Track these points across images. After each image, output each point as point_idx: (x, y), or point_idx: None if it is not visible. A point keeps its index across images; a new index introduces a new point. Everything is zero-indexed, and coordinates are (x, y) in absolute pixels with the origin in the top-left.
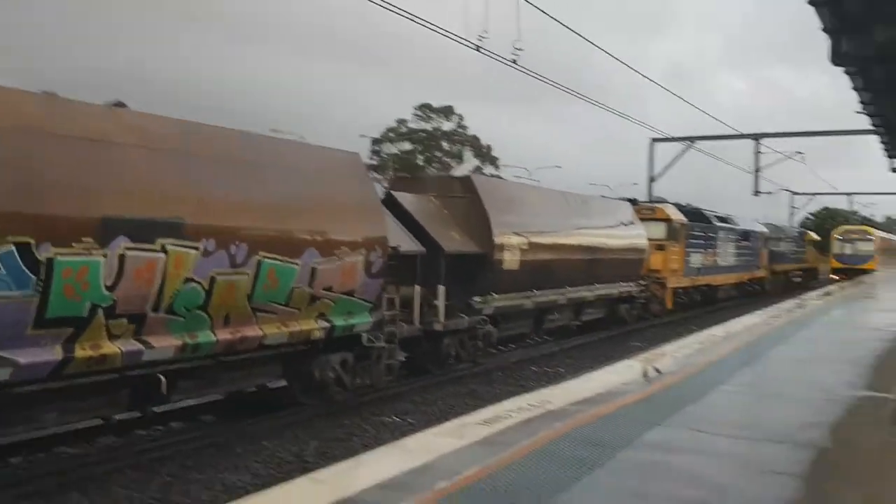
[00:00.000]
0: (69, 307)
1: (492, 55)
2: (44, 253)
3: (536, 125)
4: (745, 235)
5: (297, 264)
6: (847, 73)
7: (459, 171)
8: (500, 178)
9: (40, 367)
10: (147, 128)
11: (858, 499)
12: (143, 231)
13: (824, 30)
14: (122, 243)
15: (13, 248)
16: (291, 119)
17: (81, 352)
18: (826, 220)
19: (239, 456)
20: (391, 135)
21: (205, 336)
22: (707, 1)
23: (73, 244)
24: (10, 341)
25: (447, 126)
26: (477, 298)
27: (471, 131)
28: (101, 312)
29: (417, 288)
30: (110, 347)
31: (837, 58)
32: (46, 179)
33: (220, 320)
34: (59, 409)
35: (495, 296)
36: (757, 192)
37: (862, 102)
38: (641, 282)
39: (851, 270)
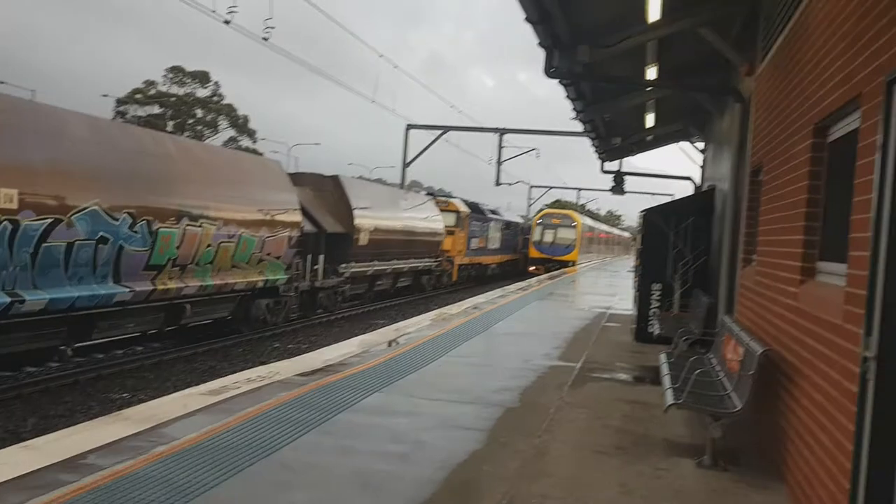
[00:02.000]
0: (160, 258)
1: (242, 31)
2: (155, 225)
3: (297, 101)
4: (508, 225)
5: (256, 237)
6: (561, 84)
7: (213, 141)
8: (260, 152)
9: (142, 293)
10: (199, 154)
11: (529, 448)
12: (194, 216)
13: (540, 45)
14: (185, 222)
15: (145, 221)
16: (21, 69)
17: (160, 286)
18: None
19: None
20: (139, 97)
21: (209, 280)
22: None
23: (168, 222)
24: (130, 277)
25: (202, 93)
26: (342, 266)
27: (227, 101)
28: (170, 262)
29: (310, 257)
30: (170, 284)
31: (550, 71)
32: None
33: (216, 271)
34: (134, 321)
35: (353, 264)
36: (498, 183)
37: (575, 110)
38: (437, 258)
39: (550, 262)
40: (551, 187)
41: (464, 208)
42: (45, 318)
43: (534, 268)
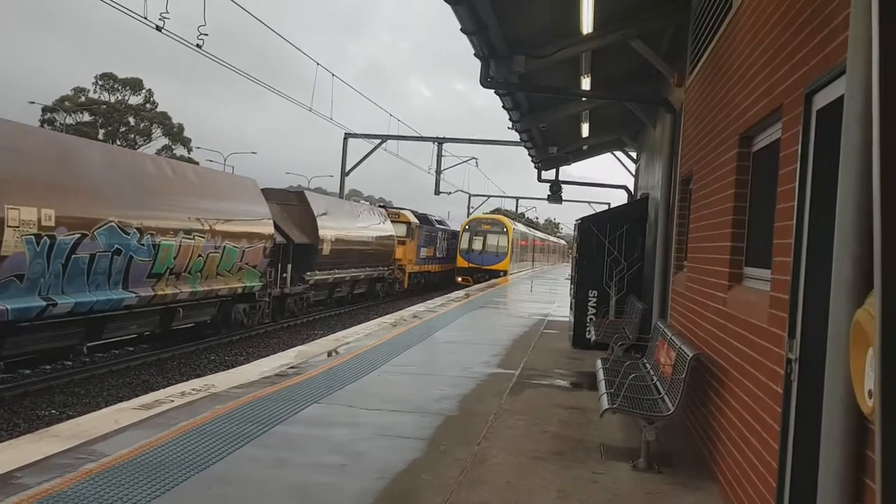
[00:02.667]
0: (160, 267)
1: (174, 37)
2: (158, 239)
3: (232, 109)
4: (454, 235)
5: (237, 248)
6: (497, 94)
7: (147, 149)
8: (195, 161)
9: (145, 298)
10: (190, 175)
11: (468, 455)
12: (188, 230)
13: (476, 55)
14: (182, 236)
15: (150, 235)
16: None
17: (160, 291)
18: None
19: None
20: (67, 104)
21: (198, 287)
22: (399, 10)
23: (168, 236)
24: (136, 283)
25: (135, 100)
26: (307, 274)
27: (161, 108)
28: (168, 271)
29: (279, 265)
30: (167, 290)
31: (486, 81)
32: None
33: (204, 279)
34: (136, 323)
35: (317, 272)
36: (438, 192)
37: (512, 120)
38: (390, 267)
39: (479, 272)
40: (490, 196)
41: (413, 219)
42: (68, 320)
43: (461, 279)
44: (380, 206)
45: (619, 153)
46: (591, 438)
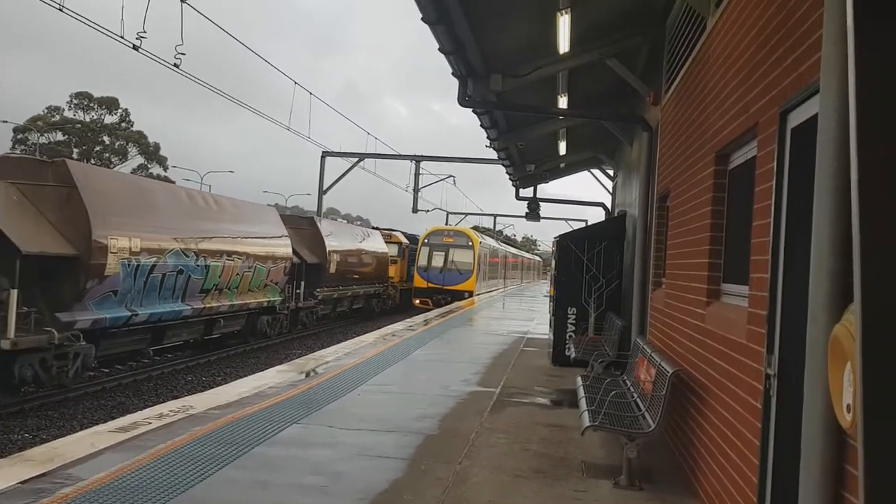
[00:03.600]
0: (209, 284)
1: (151, 56)
2: (208, 260)
3: (209, 128)
4: None
5: (264, 267)
6: (475, 112)
7: (123, 168)
8: (171, 180)
9: (197, 310)
10: (228, 206)
11: (449, 474)
12: (229, 253)
13: (454, 74)
14: (225, 258)
15: (203, 258)
16: None
17: (207, 304)
18: None
19: None
20: (39, 123)
21: (235, 301)
22: (376, 29)
23: (216, 258)
24: (191, 298)
25: (110, 119)
26: (317, 290)
27: (137, 127)
28: (214, 287)
29: (294, 283)
30: (213, 303)
31: (464, 100)
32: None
33: (239, 294)
34: (187, 331)
35: (325, 289)
36: (416, 210)
37: (489, 138)
38: (384, 284)
39: (440, 293)
40: (468, 214)
41: (404, 240)
42: (142, 327)
43: (419, 301)
44: (374, 228)
45: (596, 171)
46: (573, 456)
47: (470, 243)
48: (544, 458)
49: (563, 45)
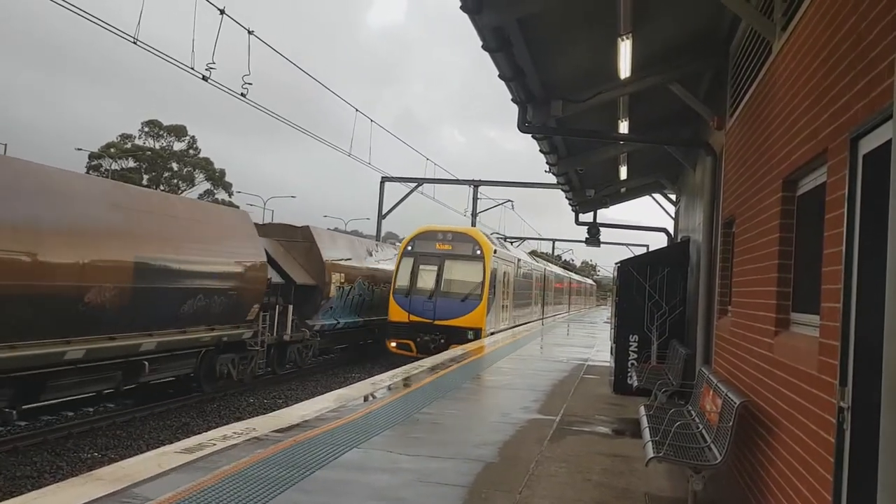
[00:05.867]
0: (367, 304)
1: (220, 86)
2: (372, 287)
3: (272, 155)
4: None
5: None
6: (534, 138)
7: (189, 194)
8: (236, 205)
9: (363, 321)
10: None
11: (509, 503)
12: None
13: (513, 100)
14: (372, 284)
15: (367, 284)
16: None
17: (365, 317)
18: None
19: None
20: (112, 150)
21: (359, 317)
22: (433, 61)
23: (377, 285)
24: (362, 313)
25: (178, 146)
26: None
27: (204, 154)
28: (362, 303)
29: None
30: (366, 317)
31: (524, 126)
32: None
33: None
34: (348, 337)
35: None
36: None
37: (549, 164)
38: None
39: (429, 331)
40: (525, 238)
41: None
42: (343, 331)
43: (395, 344)
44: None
45: (657, 196)
46: (636, 487)
47: (478, 251)
48: (606, 488)
49: (625, 70)
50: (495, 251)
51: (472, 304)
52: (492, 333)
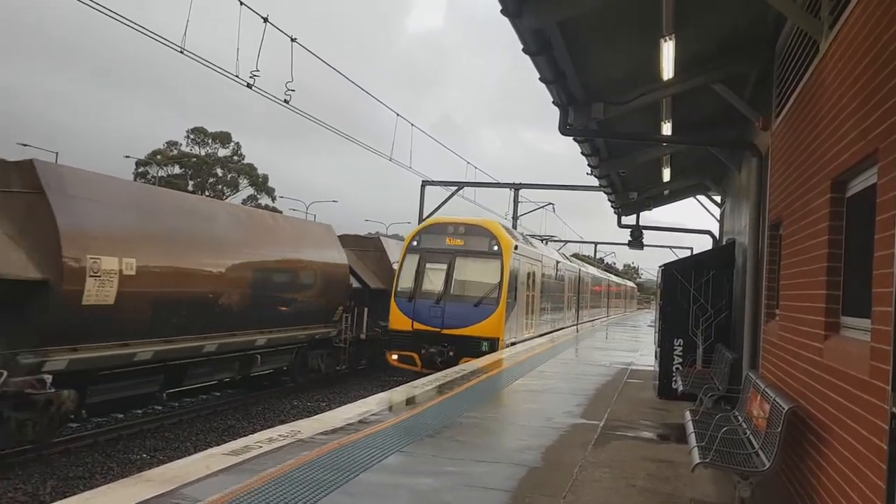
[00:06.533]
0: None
1: (263, 93)
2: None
3: (314, 160)
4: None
5: None
6: (576, 140)
7: (233, 199)
8: (279, 210)
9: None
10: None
11: None
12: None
13: (554, 103)
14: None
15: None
16: (50, 130)
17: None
18: None
19: None
20: (159, 157)
21: None
22: (470, 66)
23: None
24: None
25: (223, 153)
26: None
27: (248, 160)
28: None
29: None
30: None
31: (565, 129)
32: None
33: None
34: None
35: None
36: None
37: (590, 166)
38: None
39: (436, 340)
40: (567, 241)
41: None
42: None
43: (396, 357)
44: None
45: (702, 197)
46: (681, 493)
47: (495, 247)
48: (651, 494)
49: (668, 71)
50: (516, 247)
51: (488, 310)
52: (512, 344)
